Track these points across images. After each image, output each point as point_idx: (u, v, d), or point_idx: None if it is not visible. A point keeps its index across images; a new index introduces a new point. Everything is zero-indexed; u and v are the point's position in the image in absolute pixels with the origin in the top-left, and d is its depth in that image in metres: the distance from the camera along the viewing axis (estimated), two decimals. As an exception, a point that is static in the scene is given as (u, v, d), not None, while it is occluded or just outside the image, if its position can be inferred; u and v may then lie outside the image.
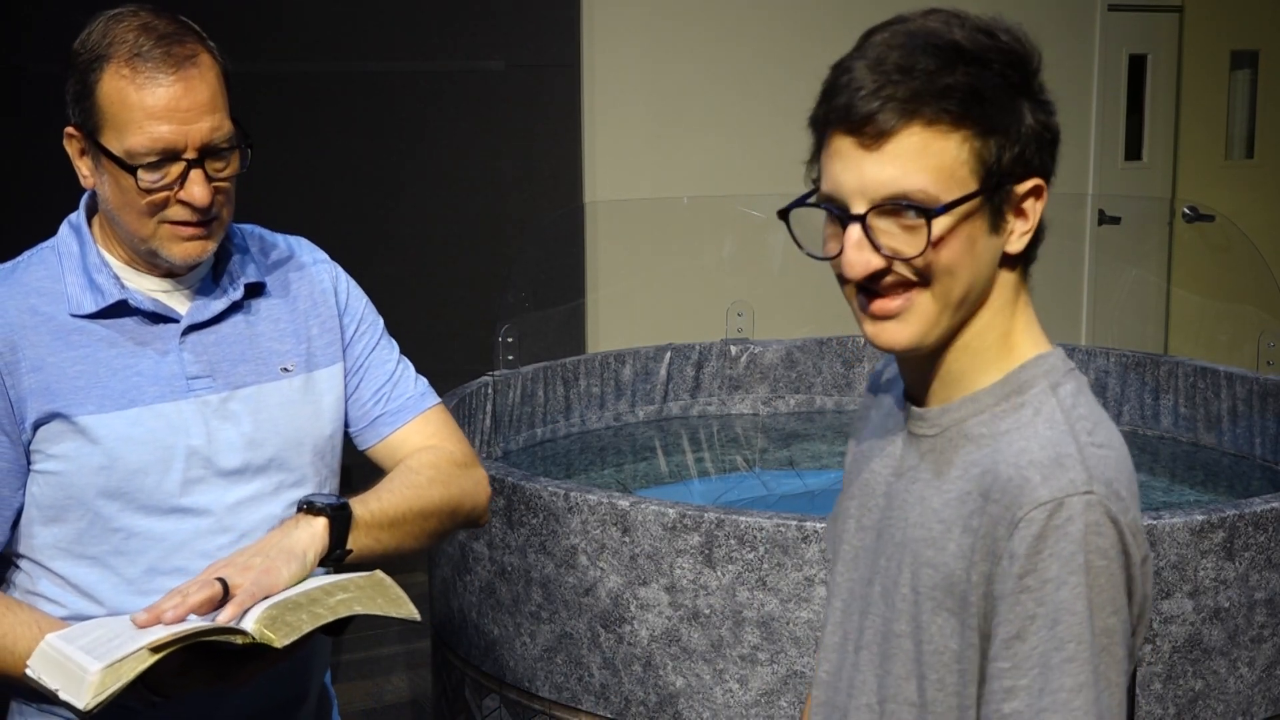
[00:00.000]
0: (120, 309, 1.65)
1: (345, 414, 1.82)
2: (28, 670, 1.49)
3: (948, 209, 1.18)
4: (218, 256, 1.73)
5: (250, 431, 1.69)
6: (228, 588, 1.48)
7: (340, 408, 1.80)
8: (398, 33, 5.43)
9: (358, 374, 1.82)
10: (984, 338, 1.27)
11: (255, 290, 1.75)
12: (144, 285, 1.68)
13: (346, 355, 1.81)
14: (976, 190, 1.19)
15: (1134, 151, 7.05)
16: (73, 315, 1.64)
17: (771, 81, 5.95)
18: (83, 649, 1.44)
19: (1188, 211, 6.76)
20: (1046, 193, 1.24)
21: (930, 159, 1.17)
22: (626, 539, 2.78)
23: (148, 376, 1.64)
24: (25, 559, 1.67)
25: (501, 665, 3.06)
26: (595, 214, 5.85)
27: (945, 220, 1.18)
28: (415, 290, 5.32)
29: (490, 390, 3.97)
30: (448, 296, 5.42)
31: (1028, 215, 1.24)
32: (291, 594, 1.49)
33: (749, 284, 4.85)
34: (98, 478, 1.61)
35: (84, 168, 1.64)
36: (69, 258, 1.67)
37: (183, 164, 1.57)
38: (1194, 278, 6.85)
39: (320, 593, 1.50)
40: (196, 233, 1.61)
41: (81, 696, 1.40)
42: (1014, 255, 1.25)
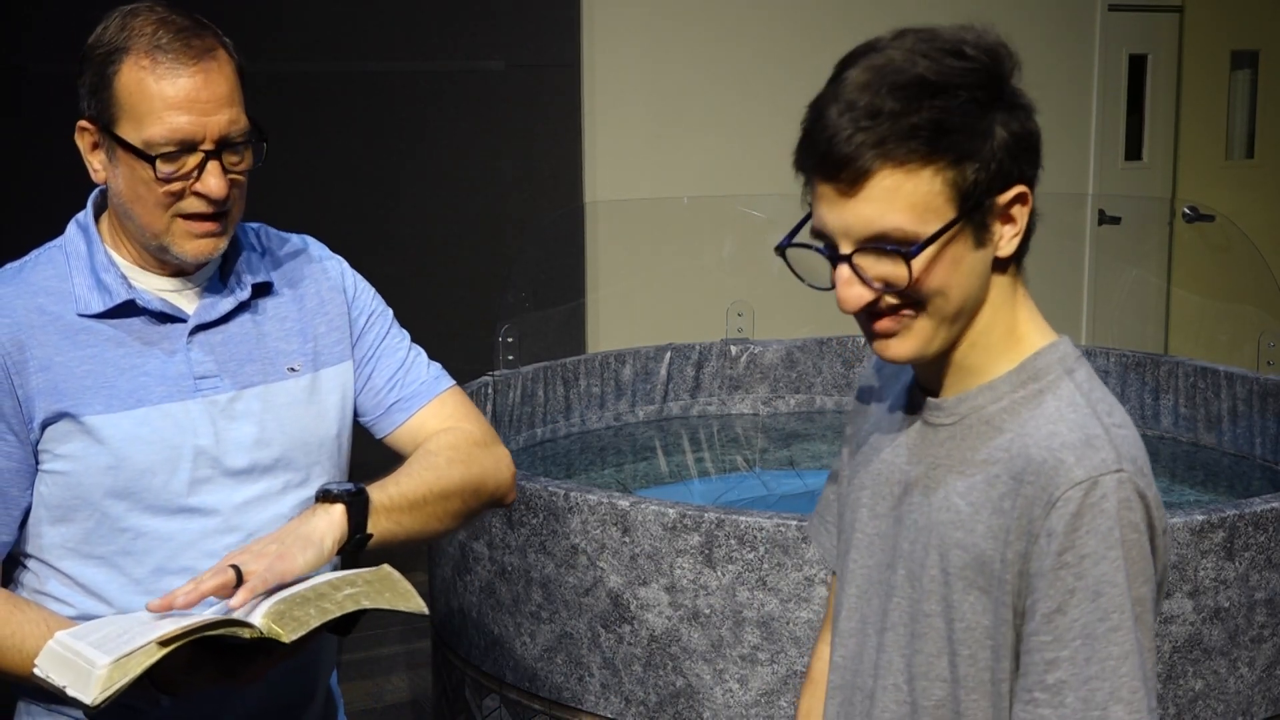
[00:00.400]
0: (128, 308, 1.65)
1: (359, 406, 1.82)
2: (35, 668, 1.48)
3: (925, 245, 1.23)
4: (225, 256, 1.73)
5: (258, 431, 1.69)
6: (241, 574, 1.48)
7: (347, 407, 1.80)
8: (398, 33, 5.43)
9: (370, 363, 1.82)
10: (989, 334, 1.33)
11: (262, 290, 1.75)
12: (151, 285, 1.68)
13: (357, 347, 1.81)
14: (955, 218, 1.24)
15: (1134, 151, 7.05)
16: (80, 315, 1.64)
17: (771, 81, 5.95)
18: (92, 644, 1.44)
19: (1188, 211, 6.76)
20: (1032, 196, 1.28)
21: (905, 198, 1.22)
22: (626, 539, 2.78)
23: (155, 376, 1.64)
24: (33, 559, 1.67)
25: (501, 665, 3.06)
26: (595, 214, 5.85)
27: (927, 252, 1.23)
28: (415, 290, 5.30)
29: (490, 390, 3.97)
30: (448, 296, 5.42)
31: (1015, 220, 1.28)
32: (299, 589, 1.49)
33: (749, 284, 4.84)
34: (105, 477, 1.61)
35: (96, 162, 1.64)
36: (76, 257, 1.67)
37: (200, 155, 1.58)
38: (1194, 278, 6.85)
39: (328, 587, 1.50)
40: (209, 229, 1.61)
41: (89, 692, 1.39)
42: (1004, 259, 1.30)
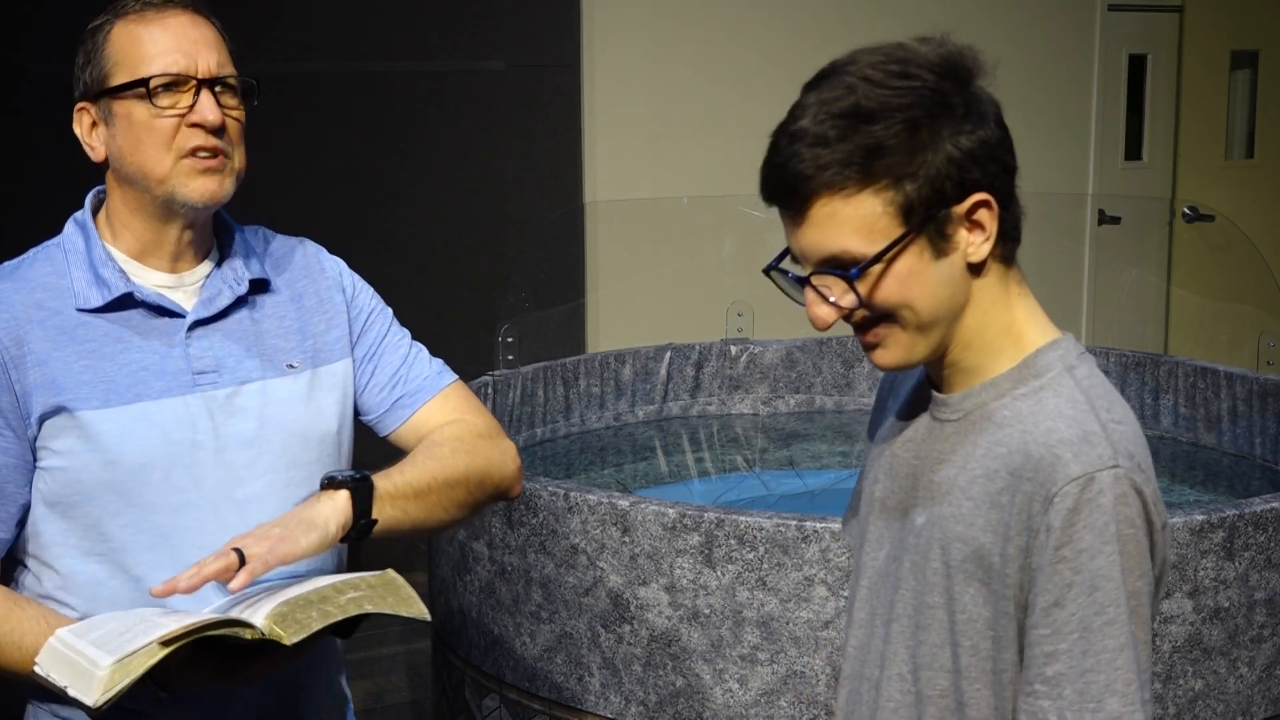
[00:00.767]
0: (126, 302, 1.65)
1: (363, 405, 1.82)
2: (36, 667, 1.48)
3: (868, 266, 1.27)
4: (223, 253, 1.74)
5: (257, 426, 1.69)
6: (244, 558, 1.47)
7: (348, 404, 1.80)
8: (398, 33, 5.43)
9: (372, 361, 1.82)
10: (983, 334, 1.34)
11: (260, 286, 1.75)
12: (150, 280, 1.68)
13: (358, 346, 1.81)
14: (904, 233, 1.27)
15: (1134, 151, 7.05)
16: (79, 310, 1.64)
17: (771, 81, 5.93)
18: (93, 643, 1.43)
19: (1188, 211, 6.76)
20: (999, 202, 1.30)
21: (846, 222, 1.27)
22: (626, 539, 2.78)
23: (154, 371, 1.64)
24: (32, 556, 1.66)
25: (501, 665, 3.06)
26: (595, 214, 5.85)
27: (874, 270, 1.28)
28: (415, 290, 5.30)
29: (490, 390, 3.96)
30: (448, 296, 5.41)
31: (983, 225, 1.30)
32: (302, 591, 1.48)
33: (749, 284, 4.81)
34: (104, 473, 1.61)
35: (94, 140, 1.66)
36: (75, 253, 1.67)
37: (193, 86, 1.62)
38: (1194, 278, 6.85)
39: (331, 590, 1.49)
40: (211, 165, 1.63)
41: (91, 693, 1.39)
42: (980, 263, 1.32)
